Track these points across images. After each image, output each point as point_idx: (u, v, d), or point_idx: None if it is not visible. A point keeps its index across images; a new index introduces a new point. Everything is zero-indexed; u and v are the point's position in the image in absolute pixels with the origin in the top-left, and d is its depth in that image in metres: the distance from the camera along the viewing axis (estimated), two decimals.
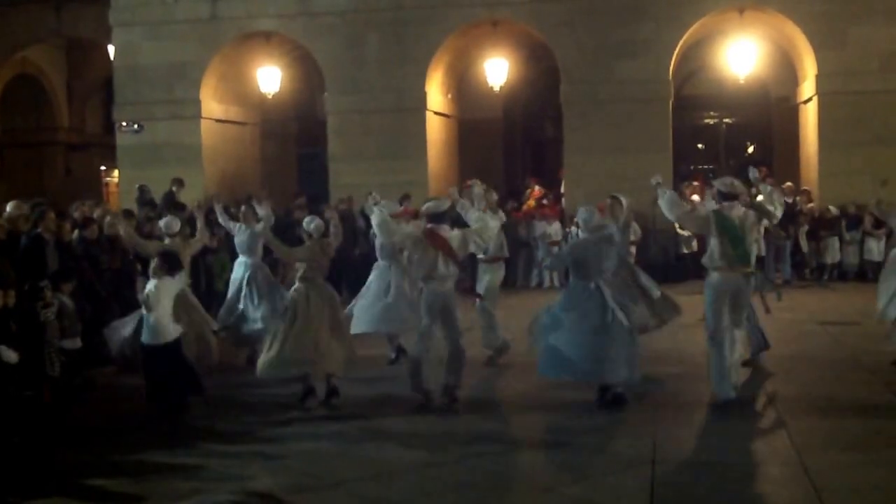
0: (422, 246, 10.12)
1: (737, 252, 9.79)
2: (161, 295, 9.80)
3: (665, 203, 10.19)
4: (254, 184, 22.90)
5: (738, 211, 9.93)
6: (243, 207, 13.00)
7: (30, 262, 11.07)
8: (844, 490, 7.32)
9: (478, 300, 12.13)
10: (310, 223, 10.69)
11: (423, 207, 10.87)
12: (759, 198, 11.17)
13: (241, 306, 12.43)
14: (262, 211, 12.48)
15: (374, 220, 10.73)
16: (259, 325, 12.09)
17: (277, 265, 13.66)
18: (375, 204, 10.86)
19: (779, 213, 10.40)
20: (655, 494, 7.34)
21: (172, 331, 9.96)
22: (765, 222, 10.76)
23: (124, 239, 12.20)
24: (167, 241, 11.29)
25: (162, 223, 11.50)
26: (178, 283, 10.12)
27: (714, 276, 9.96)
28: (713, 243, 9.94)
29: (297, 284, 10.46)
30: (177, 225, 11.47)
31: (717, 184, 10.38)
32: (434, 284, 10.11)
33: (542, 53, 22.12)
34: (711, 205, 10.77)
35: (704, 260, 10.12)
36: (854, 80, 19.67)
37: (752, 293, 10.28)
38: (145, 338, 9.93)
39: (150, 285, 9.93)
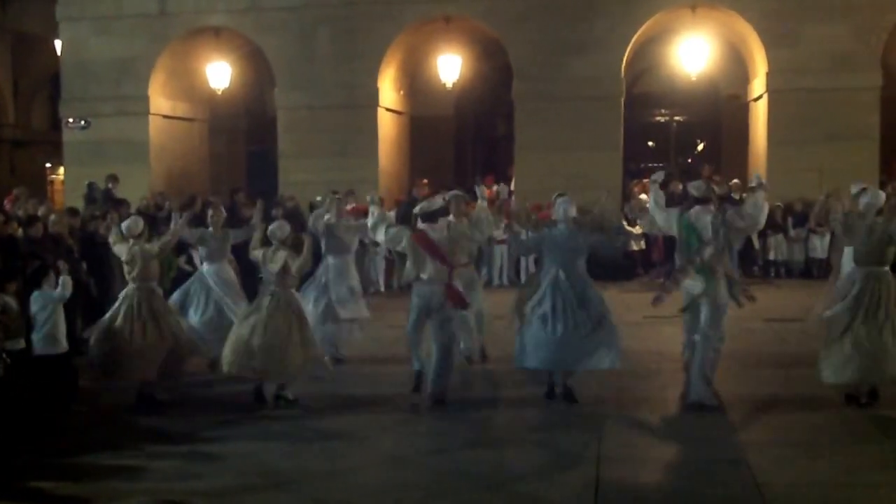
0: (412, 247, 10.14)
1: (692, 254, 9.82)
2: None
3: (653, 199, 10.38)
4: (202, 181, 22.72)
5: (706, 214, 9.90)
6: (211, 212, 12.73)
7: None
8: (786, 485, 7.35)
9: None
10: (276, 230, 10.50)
11: (417, 207, 10.81)
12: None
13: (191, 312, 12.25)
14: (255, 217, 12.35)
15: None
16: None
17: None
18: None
19: (747, 222, 10.35)
20: (600, 492, 7.33)
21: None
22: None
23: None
24: (131, 241, 10.99)
25: (124, 225, 11.17)
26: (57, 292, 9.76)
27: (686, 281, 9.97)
28: (679, 244, 10.02)
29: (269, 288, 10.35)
30: (138, 227, 11.15)
31: (691, 187, 10.36)
32: (423, 285, 10.13)
33: (495, 50, 22.10)
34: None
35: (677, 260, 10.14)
36: (804, 78, 19.82)
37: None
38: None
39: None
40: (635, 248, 19.75)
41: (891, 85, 20.90)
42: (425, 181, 19.57)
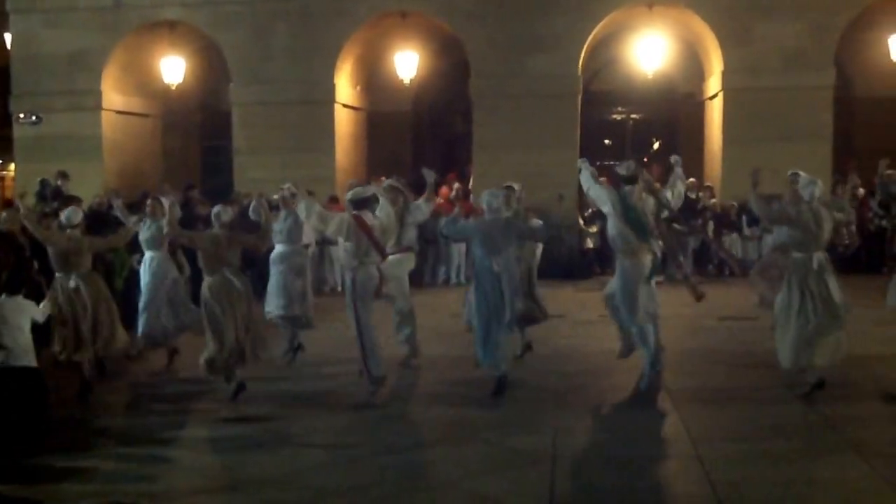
0: (354, 232, 10.19)
1: (638, 231, 10.05)
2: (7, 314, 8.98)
3: (584, 177, 10.58)
4: (155, 177, 22.51)
5: (637, 194, 10.16)
6: (149, 201, 12.67)
7: None
8: (739, 482, 7.36)
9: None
10: (217, 211, 10.47)
11: (348, 194, 10.89)
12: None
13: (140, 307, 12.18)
14: (167, 203, 12.28)
15: (302, 210, 10.81)
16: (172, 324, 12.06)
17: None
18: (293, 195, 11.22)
19: (674, 203, 10.70)
20: (556, 489, 7.33)
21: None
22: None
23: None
24: (68, 231, 10.92)
25: (63, 214, 11.13)
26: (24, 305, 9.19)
27: (622, 265, 10.18)
28: (615, 224, 10.14)
29: (205, 279, 10.26)
30: (78, 216, 11.10)
31: (618, 167, 10.53)
32: (365, 269, 10.20)
33: (453, 47, 22.07)
34: None
35: (613, 246, 10.32)
36: (759, 77, 19.99)
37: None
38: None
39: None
40: (591, 245, 19.81)
41: (844, 84, 21.14)
42: (383, 178, 19.47)
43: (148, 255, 12.34)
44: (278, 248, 12.33)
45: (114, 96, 21.86)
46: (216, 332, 9.99)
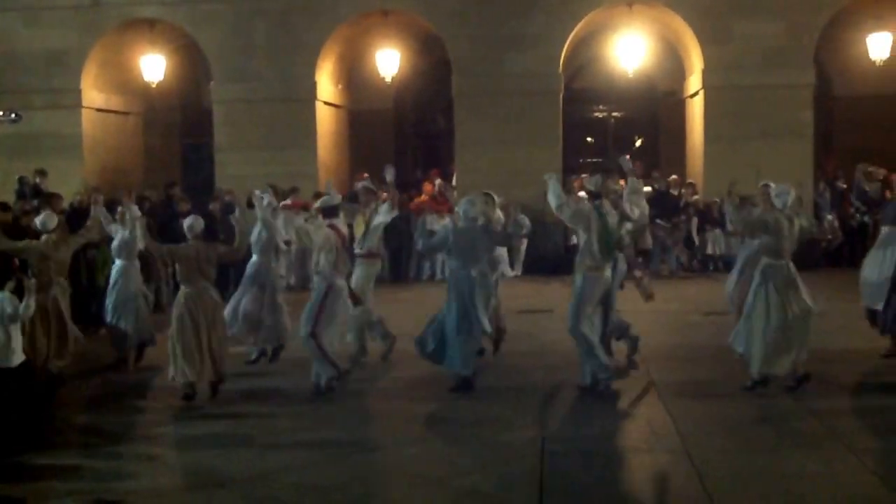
0: (332, 241, 10.26)
1: (607, 251, 10.06)
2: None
3: (551, 192, 10.37)
4: (136, 175, 22.41)
5: (607, 208, 10.21)
6: (120, 208, 12.59)
7: None
8: (727, 476, 7.38)
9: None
10: (189, 223, 10.41)
11: (317, 203, 10.92)
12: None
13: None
14: (131, 213, 12.25)
15: (281, 224, 11.46)
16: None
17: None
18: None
19: (635, 214, 10.83)
20: (545, 483, 7.32)
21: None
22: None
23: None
24: (43, 237, 10.84)
25: (38, 220, 11.03)
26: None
27: (585, 277, 10.10)
28: (587, 240, 10.09)
29: (181, 290, 10.24)
30: (53, 221, 11.01)
31: (586, 182, 10.53)
32: (342, 277, 10.33)
33: (434, 45, 22.04)
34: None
35: (577, 258, 10.21)
36: (739, 75, 20.06)
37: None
38: None
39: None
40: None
41: (823, 82, 21.25)
42: (366, 174, 19.48)
43: (118, 263, 12.23)
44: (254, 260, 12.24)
45: (94, 94, 21.72)
46: (183, 344, 9.99)
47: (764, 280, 9.92)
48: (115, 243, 12.24)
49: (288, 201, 15.20)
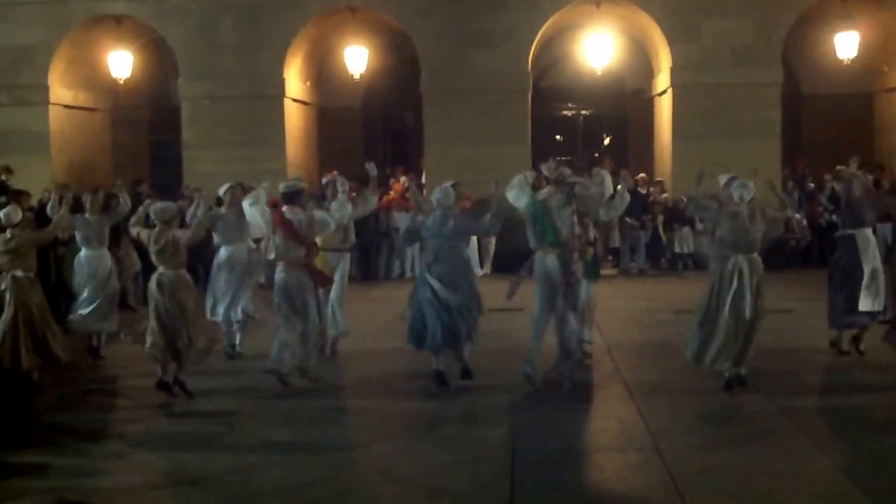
0: (273, 227, 10.34)
1: (542, 234, 10.06)
2: None
3: (513, 189, 10.58)
4: (104, 172, 22.24)
5: (553, 195, 10.15)
6: (90, 197, 12.53)
7: None
8: (699, 474, 7.40)
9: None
10: (155, 208, 10.46)
11: (280, 187, 10.88)
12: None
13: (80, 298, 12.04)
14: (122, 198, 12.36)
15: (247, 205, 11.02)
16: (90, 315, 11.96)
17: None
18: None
19: (609, 214, 11.21)
20: (516, 482, 7.32)
21: None
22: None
23: None
24: (7, 232, 10.76)
25: (2, 213, 10.96)
26: None
27: (534, 258, 10.20)
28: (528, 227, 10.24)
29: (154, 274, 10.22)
30: (17, 215, 10.94)
31: (543, 168, 10.55)
32: (285, 267, 10.26)
33: (402, 42, 22.02)
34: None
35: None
36: (707, 73, 20.15)
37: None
38: None
39: None
40: None
41: (791, 81, 21.40)
42: (334, 171, 19.41)
43: (86, 251, 12.18)
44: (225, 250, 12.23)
45: (61, 91, 21.52)
46: (161, 324, 9.96)
47: (722, 274, 9.87)
48: (83, 232, 12.15)
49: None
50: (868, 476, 7.34)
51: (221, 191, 12.38)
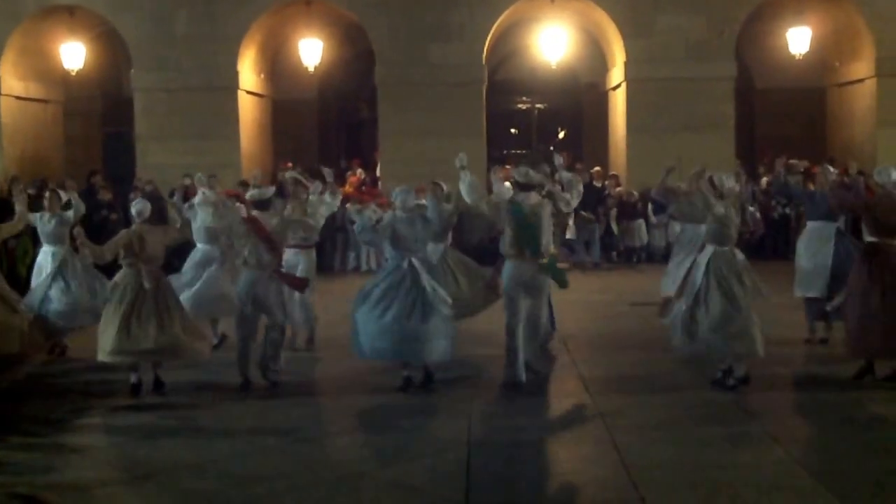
0: (244, 232, 10.13)
1: (527, 242, 9.98)
2: None
3: (465, 187, 10.43)
4: (56, 164, 22.00)
5: (533, 200, 10.11)
6: (47, 194, 12.36)
7: None
8: (653, 467, 7.44)
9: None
10: (135, 206, 10.35)
11: (248, 195, 10.82)
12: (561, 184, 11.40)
13: (51, 294, 11.82)
14: (68, 197, 12.10)
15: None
16: (66, 311, 11.67)
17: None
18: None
19: (574, 202, 11.11)
20: (472, 475, 7.33)
21: None
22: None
23: None
24: None
25: None
26: None
27: (508, 265, 10.15)
28: (507, 232, 10.12)
29: (122, 270, 10.09)
30: None
31: (514, 173, 10.52)
32: (252, 270, 10.11)
33: (357, 35, 21.97)
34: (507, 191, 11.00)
35: (501, 247, 10.25)
36: (661, 68, 20.28)
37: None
38: None
39: None
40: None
41: (744, 75, 21.59)
42: (290, 164, 19.38)
43: (50, 249, 12.00)
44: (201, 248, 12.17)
45: (12, 82, 21.24)
46: (125, 318, 9.80)
47: (709, 266, 9.84)
48: (46, 229, 11.96)
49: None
50: (825, 466, 7.41)
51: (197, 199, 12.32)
